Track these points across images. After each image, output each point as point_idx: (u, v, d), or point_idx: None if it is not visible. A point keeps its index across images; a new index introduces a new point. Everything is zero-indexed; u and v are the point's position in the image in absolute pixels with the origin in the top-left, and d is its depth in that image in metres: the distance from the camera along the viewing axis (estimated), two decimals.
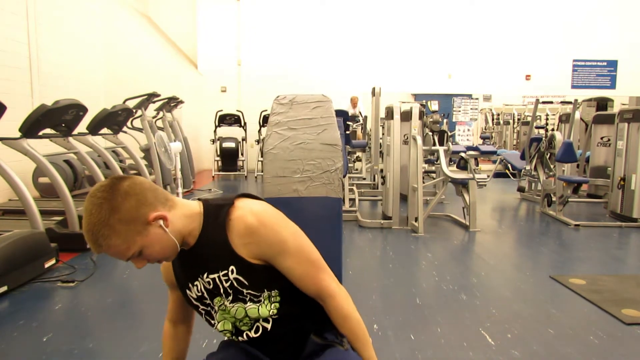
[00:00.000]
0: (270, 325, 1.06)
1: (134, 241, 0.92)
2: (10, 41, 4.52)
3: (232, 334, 1.08)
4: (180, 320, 1.24)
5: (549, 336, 2.25)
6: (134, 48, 7.43)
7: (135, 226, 0.92)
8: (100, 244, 0.90)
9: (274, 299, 1.05)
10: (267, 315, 1.05)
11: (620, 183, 4.99)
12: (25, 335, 2.19)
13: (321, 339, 1.12)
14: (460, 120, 10.95)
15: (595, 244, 4.16)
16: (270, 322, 1.06)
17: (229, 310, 1.05)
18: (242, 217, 1.01)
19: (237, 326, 1.07)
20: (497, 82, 11.05)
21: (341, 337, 1.13)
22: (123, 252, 0.92)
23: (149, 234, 0.93)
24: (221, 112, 9.09)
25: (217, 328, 1.09)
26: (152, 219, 0.93)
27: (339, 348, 1.11)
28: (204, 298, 1.07)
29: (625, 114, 5.05)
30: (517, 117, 10.50)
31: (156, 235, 0.94)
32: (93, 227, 0.90)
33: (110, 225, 0.89)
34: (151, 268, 1.49)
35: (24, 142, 3.32)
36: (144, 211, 0.93)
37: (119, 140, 5.17)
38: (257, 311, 1.04)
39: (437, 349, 2.09)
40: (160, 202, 0.96)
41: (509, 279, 3.19)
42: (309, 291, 1.06)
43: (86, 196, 0.94)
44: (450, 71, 10.96)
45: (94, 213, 0.90)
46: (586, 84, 11.21)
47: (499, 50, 10.93)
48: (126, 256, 0.93)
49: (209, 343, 2.09)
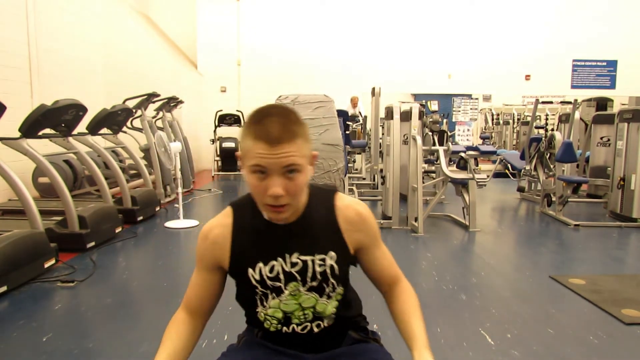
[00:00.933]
0: (322, 326, 1.02)
1: (304, 156, 0.89)
2: (10, 41, 4.52)
3: (278, 322, 1.01)
4: (200, 311, 1.08)
5: (549, 336, 2.25)
6: (133, 48, 7.44)
7: (309, 147, 0.91)
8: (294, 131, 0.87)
9: (338, 298, 1.03)
10: (330, 313, 1.01)
11: (620, 183, 4.99)
12: (24, 335, 2.19)
13: (357, 334, 1.10)
14: (460, 120, 10.96)
15: (595, 244, 4.17)
16: (323, 324, 1.02)
17: (299, 298, 0.99)
18: (352, 204, 1.02)
19: (289, 317, 1.00)
20: (497, 82, 11.05)
21: (374, 334, 1.14)
22: (299, 154, 0.87)
23: (307, 168, 0.91)
24: (221, 112, 9.09)
25: (262, 313, 1.01)
26: (313, 159, 0.94)
27: (375, 344, 1.10)
28: (276, 280, 0.98)
29: (624, 114, 5.05)
30: (517, 117, 10.51)
31: (308, 173, 0.92)
32: (291, 114, 0.89)
33: (302, 124, 0.90)
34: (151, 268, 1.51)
35: (23, 142, 3.32)
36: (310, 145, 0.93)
37: (119, 140, 5.17)
38: (325, 307, 1.01)
39: (436, 349, 2.09)
40: None
41: (508, 279, 3.19)
42: (387, 279, 1.09)
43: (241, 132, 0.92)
44: (450, 71, 10.97)
45: (291, 110, 0.90)
46: (586, 84, 11.22)
47: (498, 50, 10.93)
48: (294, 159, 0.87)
49: (209, 344, 2.08)
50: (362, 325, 1.13)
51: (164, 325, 1.09)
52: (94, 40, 6.09)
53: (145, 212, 4.69)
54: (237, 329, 1.20)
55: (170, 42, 9.64)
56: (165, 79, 8.38)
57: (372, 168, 7.05)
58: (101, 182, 4.18)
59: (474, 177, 4.44)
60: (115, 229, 3.99)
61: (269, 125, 0.86)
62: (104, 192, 4.21)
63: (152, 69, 8.03)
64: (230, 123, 9.05)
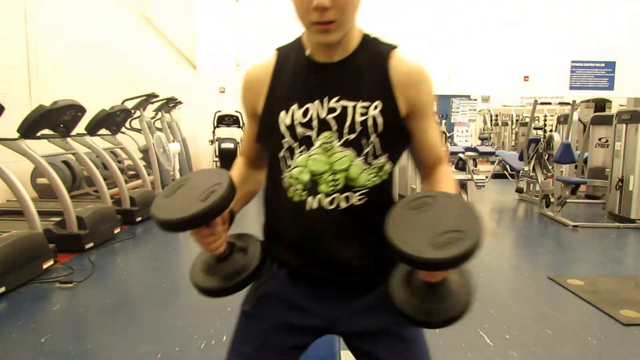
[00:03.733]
0: (351, 202, 0.87)
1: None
2: (8, 41, 4.51)
3: (304, 188, 0.88)
4: (253, 159, 1.02)
5: (547, 337, 2.26)
6: (132, 49, 7.43)
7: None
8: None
9: (380, 174, 0.88)
10: (363, 183, 0.87)
11: (618, 184, 4.99)
12: (23, 336, 2.19)
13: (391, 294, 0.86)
14: (459, 121, 10.97)
15: (594, 244, 4.17)
16: (352, 199, 0.87)
17: (331, 154, 0.86)
18: (409, 60, 0.88)
19: (317, 182, 0.87)
20: (496, 83, 11.07)
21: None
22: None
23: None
24: (220, 112, 9.09)
25: (287, 174, 0.89)
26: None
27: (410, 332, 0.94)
28: (307, 126, 0.86)
29: (623, 115, 5.06)
30: (516, 118, 10.52)
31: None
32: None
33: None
34: (150, 269, 1.49)
35: (22, 143, 3.32)
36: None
37: (118, 141, 5.16)
38: (359, 173, 0.87)
39: (435, 349, 2.07)
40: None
41: (507, 280, 3.19)
42: (432, 156, 0.94)
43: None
44: (448, 72, 10.98)
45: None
46: (584, 85, 11.24)
47: (497, 52, 10.95)
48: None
49: (208, 344, 2.08)
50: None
51: (163, 326, 1.08)
52: (93, 40, 6.09)
53: (144, 213, 4.69)
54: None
55: (169, 42, 9.63)
56: (164, 79, 8.38)
57: None
58: (100, 182, 4.18)
59: (472, 178, 4.45)
60: (114, 230, 3.98)
61: None
62: (103, 192, 4.20)
63: (151, 70, 8.03)
64: (229, 124, 9.05)
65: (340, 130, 0.86)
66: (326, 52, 0.87)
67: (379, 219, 0.79)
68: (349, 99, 0.86)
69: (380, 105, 0.85)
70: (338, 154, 0.86)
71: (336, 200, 0.87)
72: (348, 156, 0.86)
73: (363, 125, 0.85)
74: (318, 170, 0.87)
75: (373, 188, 0.88)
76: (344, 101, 0.86)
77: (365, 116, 0.85)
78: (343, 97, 0.86)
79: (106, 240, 3.82)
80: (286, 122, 0.87)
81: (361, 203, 0.88)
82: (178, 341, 2.11)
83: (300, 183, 0.88)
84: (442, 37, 10.82)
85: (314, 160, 0.87)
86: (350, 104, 0.85)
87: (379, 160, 0.88)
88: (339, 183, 0.87)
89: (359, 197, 0.87)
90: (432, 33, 10.79)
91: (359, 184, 0.87)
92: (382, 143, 0.86)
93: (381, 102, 0.85)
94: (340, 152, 0.86)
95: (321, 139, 0.86)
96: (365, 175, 0.87)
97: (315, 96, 0.87)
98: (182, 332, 2.19)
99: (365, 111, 0.85)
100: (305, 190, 0.88)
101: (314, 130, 0.86)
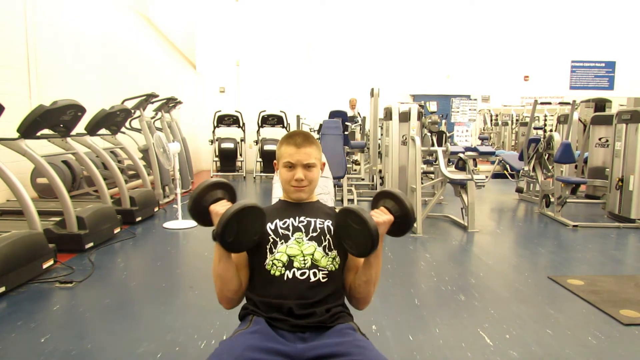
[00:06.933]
0: (318, 277, 1.30)
1: (317, 158, 1.46)
2: (8, 41, 4.51)
3: (283, 265, 1.31)
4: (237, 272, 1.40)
5: (547, 337, 2.26)
6: (132, 48, 7.43)
7: (320, 155, 1.49)
8: (312, 142, 1.44)
9: (334, 262, 1.35)
10: (324, 265, 1.32)
11: (619, 184, 5.00)
12: (23, 336, 2.19)
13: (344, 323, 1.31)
14: (459, 121, 10.96)
15: (594, 244, 4.17)
16: (318, 275, 1.31)
17: (302, 244, 1.34)
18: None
19: (292, 261, 1.31)
20: (496, 83, 11.06)
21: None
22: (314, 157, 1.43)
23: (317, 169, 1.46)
24: (220, 112, 9.08)
25: (270, 261, 1.32)
26: (323, 165, 1.54)
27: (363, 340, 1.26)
28: (286, 229, 1.38)
29: (623, 115, 5.06)
30: (516, 118, 10.54)
31: (318, 174, 1.48)
32: (309, 134, 1.47)
33: (316, 141, 1.47)
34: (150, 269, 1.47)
35: (22, 143, 3.32)
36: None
37: (118, 141, 5.16)
38: (321, 258, 1.33)
39: (435, 349, 2.09)
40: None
41: (507, 280, 3.19)
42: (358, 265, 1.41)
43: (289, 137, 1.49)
44: (448, 72, 10.97)
45: (309, 133, 1.50)
46: (584, 84, 11.23)
47: (497, 51, 10.93)
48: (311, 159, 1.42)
49: (208, 344, 2.09)
50: (348, 313, 1.38)
51: (162, 326, 1.09)
52: (93, 40, 6.09)
53: (144, 213, 4.69)
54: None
55: (169, 42, 9.63)
56: (164, 79, 8.38)
57: (371, 169, 7.05)
58: (100, 182, 4.17)
59: (472, 178, 4.45)
60: (114, 230, 3.98)
61: (296, 138, 1.44)
62: (103, 192, 4.20)
63: (151, 70, 8.03)
64: (229, 124, 9.04)
65: (307, 231, 1.38)
66: (298, 199, 1.47)
67: (334, 291, 1.33)
68: (310, 217, 1.42)
69: (330, 223, 1.41)
70: (306, 244, 1.35)
71: (306, 274, 1.30)
72: (313, 245, 1.35)
73: (321, 229, 1.38)
74: (293, 254, 1.32)
75: (332, 272, 1.33)
76: (308, 218, 1.41)
77: (322, 225, 1.40)
78: (306, 216, 1.42)
79: (106, 240, 3.82)
80: (272, 227, 1.38)
81: (324, 281, 1.31)
82: (178, 341, 2.12)
83: (280, 261, 1.31)
84: (442, 36, 10.81)
85: (290, 248, 1.34)
86: (312, 219, 1.41)
87: (333, 252, 1.36)
88: (307, 262, 1.31)
89: (323, 276, 1.31)
90: (433, 32, 10.79)
91: (322, 265, 1.32)
92: (334, 242, 1.37)
93: (330, 222, 1.41)
94: (307, 243, 1.35)
95: (295, 236, 1.36)
96: (325, 260, 1.33)
97: (290, 216, 1.41)
98: (182, 332, 2.20)
99: (322, 224, 1.40)
100: (283, 266, 1.31)
101: (290, 231, 1.38)
